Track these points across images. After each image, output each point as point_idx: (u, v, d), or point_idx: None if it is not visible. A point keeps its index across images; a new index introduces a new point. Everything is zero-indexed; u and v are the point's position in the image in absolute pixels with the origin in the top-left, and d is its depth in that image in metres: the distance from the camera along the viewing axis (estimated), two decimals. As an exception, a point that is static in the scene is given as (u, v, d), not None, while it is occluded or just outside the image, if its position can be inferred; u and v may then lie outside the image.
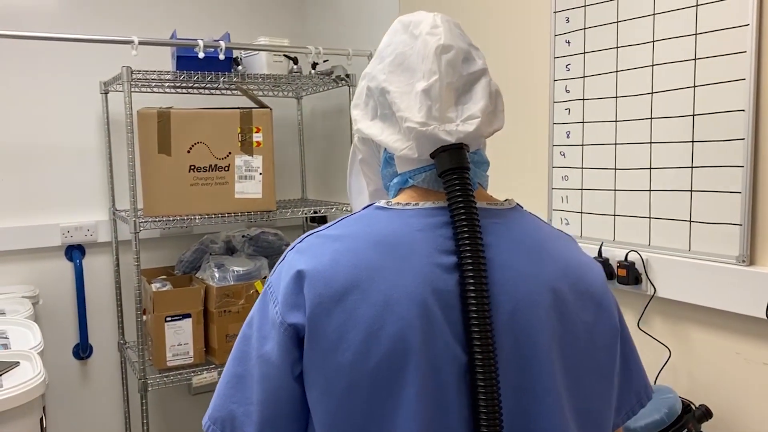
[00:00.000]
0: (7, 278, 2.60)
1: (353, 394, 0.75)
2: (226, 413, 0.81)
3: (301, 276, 0.77)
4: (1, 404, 1.40)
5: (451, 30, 0.87)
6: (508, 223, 0.85)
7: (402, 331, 0.74)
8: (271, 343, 0.78)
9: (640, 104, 1.52)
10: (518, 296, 0.79)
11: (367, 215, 0.84)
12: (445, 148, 0.82)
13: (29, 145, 2.61)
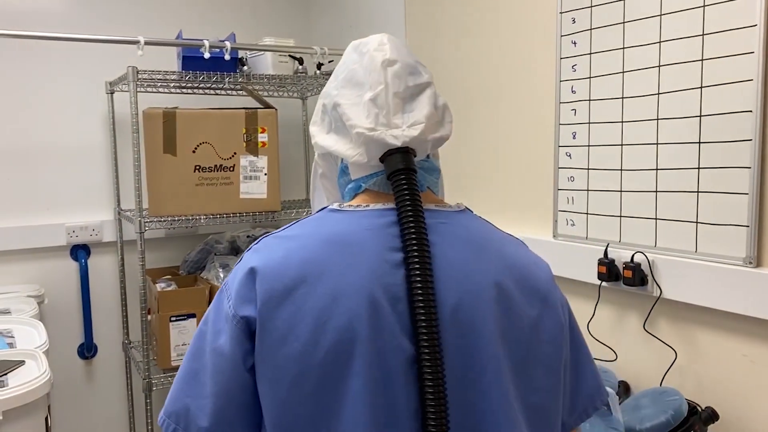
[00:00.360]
0: (13, 277, 2.60)
1: (302, 383, 0.77)
2: (181, 407, 0.83)
3: (253, 272, 0.81)
4: (7, 403, 1.41)
5: (397, 47, 0.92)
6: (453, 224, 0.89)
7: (349, 322, 0.78)
8: (225, 337, 0.81)
9: (647, 105, 1.51)
10: (462, 291, 0.82)
11: (321, 217, 0.89)
12: (392, 152, 0.86)
13: (35, 145, 2.62)
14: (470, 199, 2.14)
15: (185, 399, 0.83)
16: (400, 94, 0.89)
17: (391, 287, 0.80)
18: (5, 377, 1.52)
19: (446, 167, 2.24)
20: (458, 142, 2.18)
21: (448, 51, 2.20)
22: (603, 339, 1.67)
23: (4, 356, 1.64)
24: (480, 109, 2.07)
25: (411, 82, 0.90)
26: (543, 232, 1.84)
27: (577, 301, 1.75)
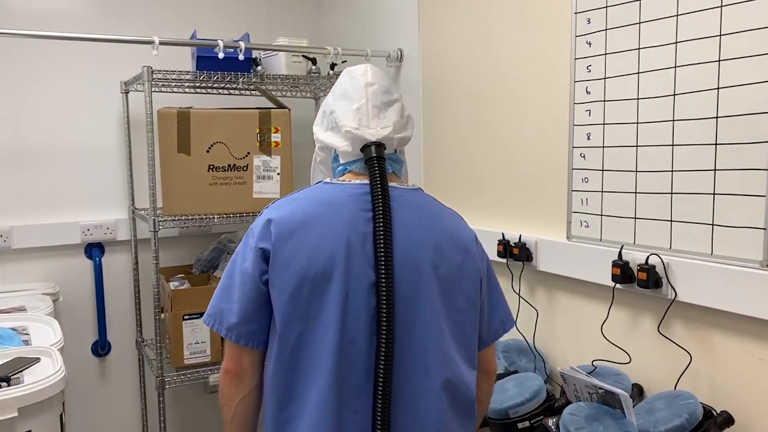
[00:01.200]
0: (28, 275, 2.63)
1: (299, 292, 1.18)
2: (217, 310, 1.25)
3: (269, 221, 1.22)
4: (22, 400, 1.42)
5: (376, 74, 1.33)
6: (408, 197, 1.29)
7: (332, 254, 1.18)
8: (248, 262, 1.22)
9: (663, 106, 1.50)
10: (410, 241, 1.22)
11: (318, 187, 1.29)
12: (369, 144, 1.26)
13: (50, 144, 2.64)
14: (483, 200, 2.13)
15: (221, 304, 1.24)
16: (376, 105, 1.29)
17: (361, 234, 1.20)
18: (20, 374, 1.53)
19: (459, 167, 2.24)
20: (471, 143, 2.17)
21: (461, 51, 2.19)
22: (617, 341, 1.66)
23: (19, 353, 1.66)
24: (493, 109, 2.06)
25: (385, 98, 1.31)
26: (557, 233, 1.83)
27: (590, 303, 1.74)
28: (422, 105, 2.43)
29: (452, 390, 1.23)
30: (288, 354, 1.19)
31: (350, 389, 1.17)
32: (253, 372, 1.25)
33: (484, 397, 1.38)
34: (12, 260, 2.60)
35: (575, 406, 1.43)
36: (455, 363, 1.23)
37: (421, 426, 1.20)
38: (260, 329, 1.22)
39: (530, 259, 1.88)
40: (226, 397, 1.27)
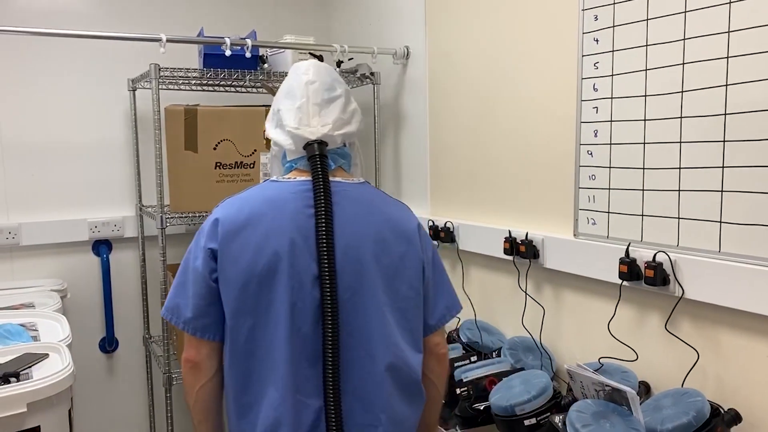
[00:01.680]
0: (37, 272, 2.64)
1: (247, 288, 1.26)
2: (174, 304, 1.33)
3: (217, 221, 1.29)
4: (31, 395, 1.43)
5: (319, 71, 1.38)
6: (352, 191, 1.35)
7: (276, 250, 1.26)
8: (199, 260, 1.29)
9: (670, 103, 1.50)
10: (352, 232, 1.29)
11: (264, 185, 1.36)
12: (310, 143, 1.32)
13: (58, 142, 2.66)
14: (490, 197, 2.13)
15: (176, 299, 1.32)
16: (317, 103, 1.34)
17: (304, 229, 1.27)
18: (29, 370, 1.54)
19: (465, 165, 2.24)
20: (478, 140, 2.17)
21: (468, 48, 2.19)
22: (624, 339, 1.66)
23: (28, 349, 1.67)
24: (500, 106, 2.06)
25: (326, 95, 1.35)
26: (563, 230, 1.82)
27: (597, 300, 1.74)
28: (429, 102, 2.43)
29: (396, 372, 1.32)
30: (242, 345, 1.28)
31: (302, 375, 1.26)
32: (211, 361, 1.33)
33: (436, 379, 1.46)
34: (21, 257, 2.61)
35: (582, 403, 1.42)
36: (399, 347, 1.32)
37: (369, 407, 1.30)
38: (214, 322, 1.31)
39: (537, 257, 1.88)
40: (187, 385, 1.37)
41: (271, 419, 1.26)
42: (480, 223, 2.17)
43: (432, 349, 1.43)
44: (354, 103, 1.41)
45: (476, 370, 1.78)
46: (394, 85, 2.65)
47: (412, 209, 2.57)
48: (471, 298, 2.25)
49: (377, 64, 2.59)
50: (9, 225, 2.56)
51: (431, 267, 1.40)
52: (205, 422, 1.39)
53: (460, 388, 1.75)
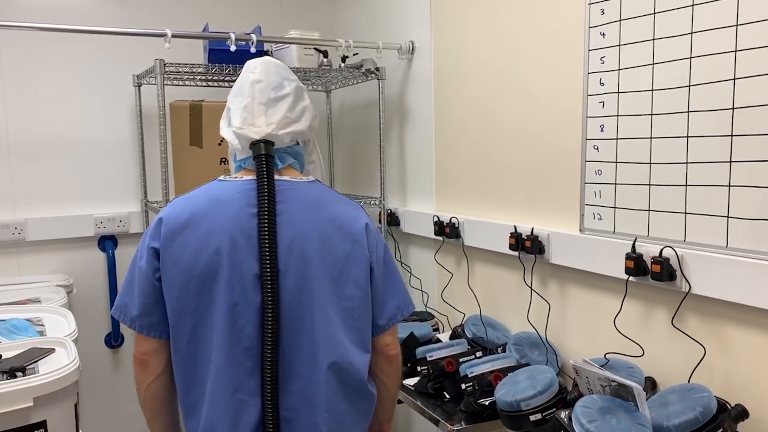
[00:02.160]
0: (43, 267, 2.65)
1: (187, 287, 1.26)
2: (122, 302, 1.34)
3: (160, 220, 1.30)
4: (37, 390, 1.43)
5: (267, 69, 1.36)
6: (299, 190, 1.34)
7: (217, 249, 1.26)
8: (144, 260, 1.30)
9: (677, 97, 1.49)
10: (296, 231, 1.29)
11: (211, 184, 1.36)
12: (256, 142, 1.31)
13: (64, 137, 2.66)
14: (495, 192, 2.12)
15: (125, 297, 1.34)
16: (262, 103, 1.33)
17: (246, 229, 1.27)
18: (35, 365, 1.55)
19: (471, 160, 2.23)
20: (483, 135, 2.16)
21: (473, 43, 2.18)
22: (630, 334, 1.65)
23: (34, 344, 1.67)
24: (506, 101, 2.05)
25: (273, 95, 1.34)
26: (569, 226, 1.82)
27: (603, 296, 1.73)
28: (434, 97, 2.42)
29: (339, 372, 1.31)
30: (184, 344, 1.29)
31: (244, 374, 1.26)
32: (158, 359, 1.34)
33: (387, 379, 1.45)
34: (26, 252, 2.62)
35: (588, 398, 1.42)
36: (343, 347, 1.31)
37: (311, 406, 1.30)
38: (160, 320, 1.31)
39: (542, 252, 1.87)
40: (136, 382, 1.38)
41: (209, 421, 1.27)
42: (485, 219, 2.16)
43: (382, 350, 1.42)
44: (305, 101, 1.39)
45: (481, 365, 1.78)
46: (400, 81, 2.64)
47: (417, 205, 2.57)
48: (476, 294, 2.25)
49: (382, 60, 2.58)
50: (15, 220, 2.57)
51: (381, 266, 1.38)
52: (155, 420, 1.40)
53: (465, 384, 1.75)
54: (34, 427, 1.44)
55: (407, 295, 1.46)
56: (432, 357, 1.91)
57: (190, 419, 1.32)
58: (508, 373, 1.71)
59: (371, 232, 1.37)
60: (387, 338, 1.42)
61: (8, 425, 1.41)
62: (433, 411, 1.78)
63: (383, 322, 1.41)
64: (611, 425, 1.32)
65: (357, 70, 2.59)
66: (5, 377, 1.45)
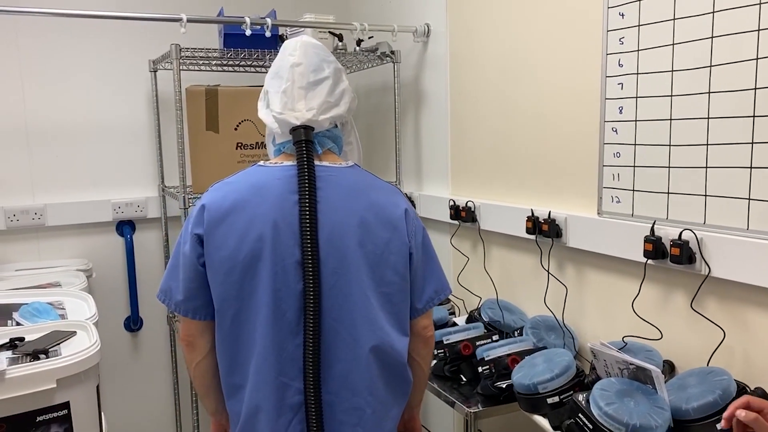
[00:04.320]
0: (62, 252, 2.68)
1: (231, 274, 1.28)
2: (167, 287, 1.37)
3: (203, 207, 1.31)
4: (60, 371, 1.45)
5: (306, 51, 1.34)
6: (339, 176, 1.34)
7: (259, 236, 1.27)
8: (188, 245, 1.32)
9: (698, 78, 1.47)
10: (335, 219, 1.29)
11: (250, 170, 1.37)
12: (296, 128, 1.31)
13: (81, 123, 2.68)
14: (512, 176, 2.11)
15: (169, 282, 1.36)
16: (302, 87, 1.31)
17: (288, 216, 1.28)
18: (58, 347, 1.57)
19: (487, 143, 2.22)
20: (500, 118, 2.15)
21: (489, 25, 2.16)
22: (648, 318, 1.64)
23: (56, 327, 1.70)
24: (522, 83, 2.03)
25: (312, 78, 1.32)
26: (587, 209, 1.81)
27: (621, 279, 1.72)
28: (450, 80, 2.40)
29: (381, 356, 1.33)
30: (227, 328, 1.31)
31: (286, 358, 1.29)
32: (204, 340, 1.37)
33: (422, 361, 1.47)
34: (46, 237, 2.65)
35: (606, 381, 1.42)
36: (383, 331, 1.33)
37: (353, 390, 1.31)
38: (204, 304, 1.33)
39: (560, 236, 1.86)
40: (186, 362, 1.42)
41: (253, 402, 1.30)
42: (502, 203, 2.15)
43: (419, 332, 1.43)
44: (344, 83, 1.38)
45: (498, 348, 1.78)
46: (415, 64, 2.63)
47: (433, 189, 2.57)
48: (492, 278, 2.24)
49: (397, 43, 2.56)
50: (35, 206, 2.60)
51: (420, 251, 1.39)
52: (207, 396, 1.44)
53: (482, 366, 1.75)
54: (58, 408, 1.47)
55: (445, 279, 1.47)
56: (448, 340, 1.91)
57: (233, 399, 1.35)
58: (525, 357, 1.71)
59: (410, 218, 1.37)
60: (424, 321, 1.44)
61: (32, 406, 1.43)
62: (450, 393, 1.78)
63: (421, 306, 1.42)
64: (629, 408, 1.32)
65: (372, 53, 2.58)
66: (29, 359, 1.47)
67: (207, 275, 1.31)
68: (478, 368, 1.77)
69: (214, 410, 1.46)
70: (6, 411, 1.40)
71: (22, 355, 1.50)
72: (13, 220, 2.56)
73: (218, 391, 1.41)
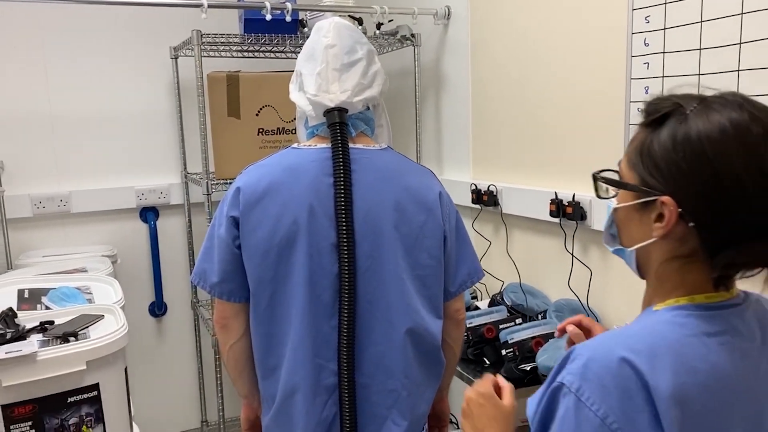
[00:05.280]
0: (88, 238, 2.72)
1: (267, 256, 1.28)
2: (201, 269, 1.36)
3: (238, 190, 1.31)
4: (89, 354, 1.49)
5: (339, 33, 1.33)
6: (373, 159, 1.33)
7: (295, 219, 1.27)
8: (223, 228, 1.31)
9: (727, 56, 1.44)
10: (371, 201, 1.29)
11: (285, 152, 1.36)
12: (330, 110, 1.30)
13: (104, 111, 2.70)
14: (535, 159, 2.10)
15: (204, 264, 1.36)
16: (336, 69, 1.31)
17: (323, 199, 1.28)
18: (86, 330, 1.60)
19: (510, 126, 2.20)
20: (522, 100, 2.13)
21: (511, 6, 2.14)
22: (674, 300, 1.62)
23: (84, 311, 1.72)
24: (545, 65, 2.01)
25: (346, 59, 1.31)
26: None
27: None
28: (471, 63, 2.38)
29: (416, 338, 1.34)
30: (263, 310, 1.32)
31: (322, 340, 1.30)
32: (238, 322, 1.37)
33: (454, 343, 1.49)
34: (72, 224, 2.69)
35: (632, 363, 1.41)
36: (419, 314, 1.34)
37: (388, 372, 1.32)
38: (240, 286, 1.34)
39: (584, 219, 1.85)
40: (220, 344, 1.43)
41: (290, 383, 1.32)
42: (525, 186, 2.14)
43: (451, 315, 1.44)
44: (377, 64, 1.37)
45: (522, 331, 1.78)
46: (435, 47, 2.61)
47: (454, 173, 2.56)
48: (515, 262, 2.23)
49: (418, 26, 2.55)
50: (60, 193, 2.63)
51: (454, 234, 1.39)
52: (240, 378, 1.45)
53: (506, 349, 1.75)
54: (88, 389, 1.50)
55: (477, 262, 1.47)
56: (471, 323, 1.91)
57: (268, 380, 1.36)
58: (549, 339, 1.71)
59: (444, 201, 1.38)
60: (456, 304, 1.45)
61: (64, 387, 1.46)
62: (473, 376, 1.79)
63: (453, 289, 1.43)
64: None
65: (392, 37, 2.56)
66: (59, 342, 1.50)
67: (242, 257, 1.31)
68: (501, 351, 1.77)
69: (246, 392, 1.47)
70: (38, 392, 1.44)
71: (53, 338, 1.53)
72: (39, 207, 2.60)
73: (251, 373, 1.42)
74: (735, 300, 0.78)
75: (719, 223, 0.73)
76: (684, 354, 0.72)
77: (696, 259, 0.76)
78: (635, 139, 0.83)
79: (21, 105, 2.57)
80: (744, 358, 0.74)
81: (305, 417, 1.31)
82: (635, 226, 0.81)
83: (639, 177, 0.80)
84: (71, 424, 1.49)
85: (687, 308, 0.76)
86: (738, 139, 0.72)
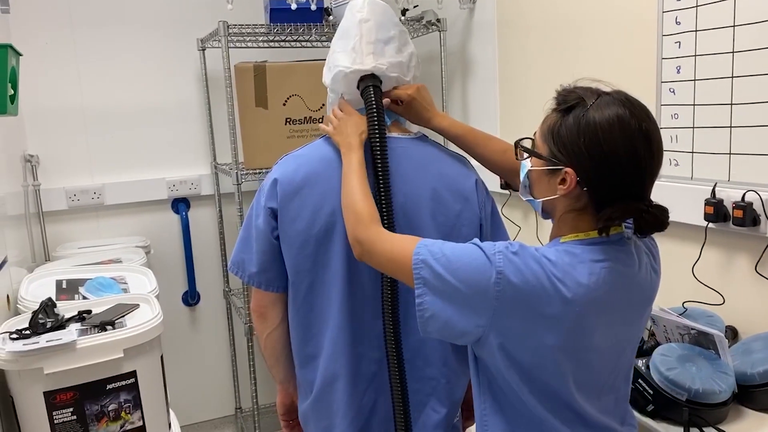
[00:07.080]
0: (121, 229, 2.77)
1: (305, 246, 1.28)
2: (239, 259, 1.36)
3: (276, 181, 1.30)
4: (126, 342, 1.51)
5: (373, 9, 1.30)
6: (408, 147, 1.33)
7: (333, 210, 1.26)
8: (261, 218, 1.31)
9: (761, 32, 1.40)
10: (407, 191, 1.29)
11: (319, 142, 1.36)
12: (365, 77, 1.28)
13: (134, 104, 2.74)
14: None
15: (241, 254, 1.36)
16: (371, 42, 1.28)
17: None
18: (123, 319, 1.63)
19: (537, 109, 2.17)
20: (550, 82, 2.10)
21: (538, -12, 2.11)
22: (709, 282, 1.60)
23: (120, 300, 1.76)
24: (573, 45, 1.98)
25: (380, 35, 1.29)
26: (643, 173, 1.76)
27: (680, 244, 1.68)
28: (498, 48, 2.36)
29: None
30: (302, 300, 1.32)
31: (361, 328, 1.31)
32: (276, 311, 1.38)
33: None
34: (105, 216, 2.74)
35: (666, 346, 1.39)
36: None
37: (426, 360, 1.33)
38: (278, 276, 1.34)
39: (615, 201, 1.82)
40: (257, 332, 1.45)
41: (330, 371, 1.32)
42: (554, 170, 2.11)
43: None
44: (411, 46, 1.35)
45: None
46: (461, 32, 2.59)
47: (483, 158, 2.53)
48: (545, 246, 2.22)
49: (443, 10, 2.53)
50: (93, 186, 2.68)
51: (489, 222, 1.38)
52: (276, 366, 1.46)
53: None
54: (126, 376, 1.53)
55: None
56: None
57: (306, 368, 1.37)
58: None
59: (480, 189, 1.36)
60: None
61: (102, 375, 1.50)
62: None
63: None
64: (691, 372, 1.29)
65: (418, 22, 2.55)
66: (96, 330, 1.54)
67: (281, 248, 1.32)
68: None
69: (282, 379, 1.48)
70: (78, 379, 1.47)
71: (90, 327, 1.56)
72: (74, 199, 2.65)
73: (288, 361, 1.44)
74: (615, 238, 1.02)
75: (604, 188, 0.98)
76: (577, 272, 0.98)
77: (587, 212, 1.01)
78: (548, 119, 1.05)
79: (54, 101, 2.62)
80: (622, 277, 1.01)
81: (345, 405, 1.31)
82: (544, 185, 1.04)
83: (549, 150, 1.02)
84: (110, 410, 1.52)
85: (582, 242, 1.02)
86: (621, 131, 0.96)
